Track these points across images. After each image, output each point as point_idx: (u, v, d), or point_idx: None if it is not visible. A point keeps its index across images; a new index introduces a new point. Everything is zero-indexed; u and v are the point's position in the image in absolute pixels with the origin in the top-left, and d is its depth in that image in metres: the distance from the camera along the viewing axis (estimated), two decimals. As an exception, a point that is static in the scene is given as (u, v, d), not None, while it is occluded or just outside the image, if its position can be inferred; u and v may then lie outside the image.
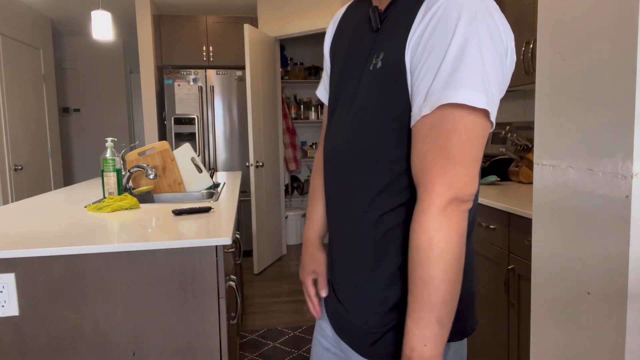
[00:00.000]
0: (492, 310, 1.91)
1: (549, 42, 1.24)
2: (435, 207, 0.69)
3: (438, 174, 0.69)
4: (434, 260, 0.69)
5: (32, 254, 1.21)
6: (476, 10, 0.68)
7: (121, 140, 5.74)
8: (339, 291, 0.88)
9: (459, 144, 0.69)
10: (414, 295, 0.71)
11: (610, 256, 1.04)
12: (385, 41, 0.77)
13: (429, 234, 0.69)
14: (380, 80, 0.76)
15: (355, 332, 0.84)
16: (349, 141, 0.82)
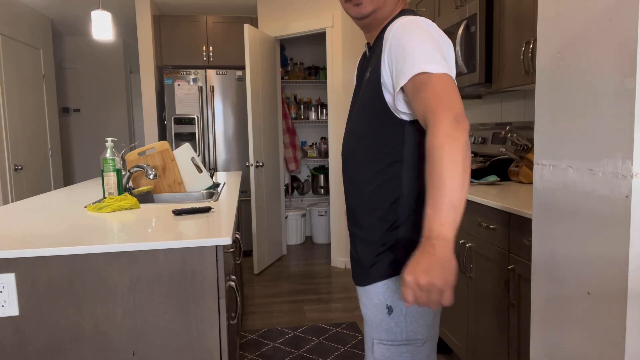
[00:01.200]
0: (492, 310, 1.91)
1: (549, 42, 1.24)
2: (444, 123, 0.93)
3: (438, 106, 0.95)
4: (446, 158, 0.91)
5: (32, 254, 1.21)
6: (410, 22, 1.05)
7: (121, 140, 5.74)
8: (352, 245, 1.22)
9: (439, 88, 0.97)
10: (431, 186, 0.92)
11: (610, 256, 1.04)
12: (371, 61, 1.14)
13: (442, 139, 0.92)
14: (367, 87, 1.13)
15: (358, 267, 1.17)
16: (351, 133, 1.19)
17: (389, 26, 1.08)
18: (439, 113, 0.94)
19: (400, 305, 1.10)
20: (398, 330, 1.11)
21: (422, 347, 1.13)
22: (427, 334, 1.14)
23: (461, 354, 2.22)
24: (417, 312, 1.11)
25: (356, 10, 1.15)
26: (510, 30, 2.21)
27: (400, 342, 1.11)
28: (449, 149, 0.91)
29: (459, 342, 2.24)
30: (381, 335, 1.13)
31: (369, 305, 1.15)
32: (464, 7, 2.51)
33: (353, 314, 3.07)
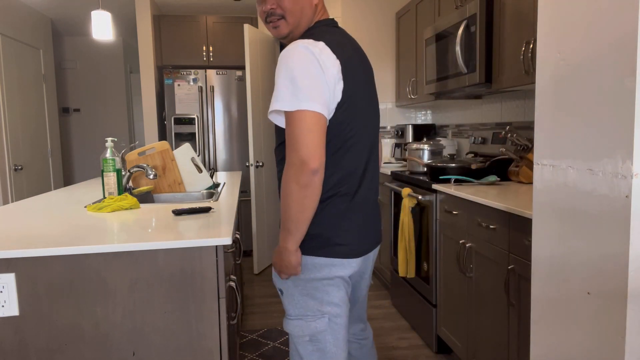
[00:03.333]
0: (492, 310, 1.91)
1: (549, 42, 1.24)
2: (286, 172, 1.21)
3: (289, 149, 1.19)
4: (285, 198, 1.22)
5: (32, 254, 1.21)
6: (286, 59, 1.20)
7: (121, 140, 5.74)
8: None
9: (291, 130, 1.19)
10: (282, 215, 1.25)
11: (610, 256, 1.04)
12: None
13: (285, 184, 1.20)
14: None
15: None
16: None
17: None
18: (288, 154, 1.20)
19: (284, 286, 1.37)
20: (287, 305, 1.38)
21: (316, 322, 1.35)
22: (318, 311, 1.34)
23: (461, 354, 2.22)
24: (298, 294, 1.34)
25: (275, 32, 1.33)
26: (510, 30, 2.21)
27: (293, 317, 1.36)
28: (284, 185, 1.21)
29: (459, 342, 2.24)
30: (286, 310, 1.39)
31: None
32: (464, 7, 2.51)
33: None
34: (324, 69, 1.18)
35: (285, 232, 1.24)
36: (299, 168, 1.16)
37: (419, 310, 2.70)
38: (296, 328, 1.35)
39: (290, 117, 1.18)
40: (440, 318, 2.46)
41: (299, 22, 1.29)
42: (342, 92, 1.23)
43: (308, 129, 1.16)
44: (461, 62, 2.50)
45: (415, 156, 3.01)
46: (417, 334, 2.74)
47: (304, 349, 1.37)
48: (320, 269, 1.30)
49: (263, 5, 1.31)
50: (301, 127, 1.16)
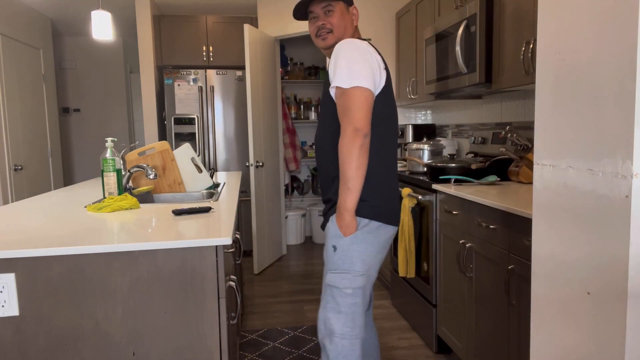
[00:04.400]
0: (492, 310, 1.91)
1: (549, 42, 1.24)
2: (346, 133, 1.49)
3: (343, 121, 1.49)
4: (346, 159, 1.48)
5: (32, 254, 1.21)
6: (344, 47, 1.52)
7: (121, 140, 5.74)
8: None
9: (348, 104, 1.48)
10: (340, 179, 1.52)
11: (610, 256, 1.04)
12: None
13: (343, 148, 1.48)
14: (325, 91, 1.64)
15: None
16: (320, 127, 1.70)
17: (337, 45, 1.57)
18: (343, 124, 1.49)
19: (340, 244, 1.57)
20: (338, 262, 1.58)
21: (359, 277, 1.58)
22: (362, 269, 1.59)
23: (461, 354, 2.22)
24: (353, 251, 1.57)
25: (322, 43, 1.64)
26: (510, 30, 2.21)
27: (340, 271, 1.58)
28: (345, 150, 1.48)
29: (459, 342, 2.24)
30: (330, 264, 1.60)
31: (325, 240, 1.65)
32: (464, 7, 2.51)
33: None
34: (371, 54, 1.52)
35: (346, 192, 1.49)
36: (354, 134, 1.45)
37: (419, 310, 2.70)
38: (343, 280, 1.57)
39: (345, 92, 1.47)
40: (440, 318, 2.46)
41: (342, 36, 1.62)
42: (385, 79, 1.56)
43: (360, 102, 1.46)
44: (461, 62, 2.50)
45: (415, 156, 3.01)
46: (417, 334, 2.74)
47: (344, 300, 1.58)
48: (375, 234, 1.59)
49: (316, 22, 1.64)
50: (354, 101, 1.46)
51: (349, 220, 1.52)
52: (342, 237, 1.55)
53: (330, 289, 1.59)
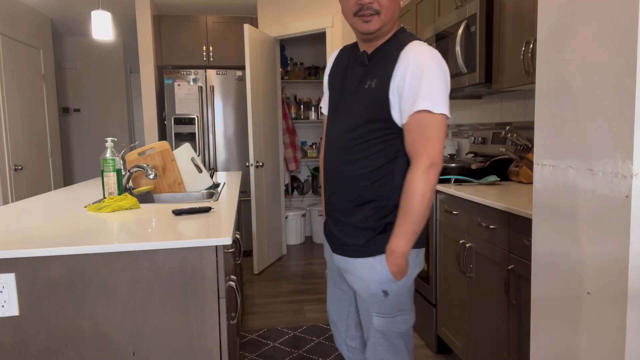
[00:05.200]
0: (492, 310, 1.91)
1: (549, 42, 1.24)
2: (421, 165, 1.25)
3: (419, 152, 1.25)
4: (417, 203, 1.25)
5: (32, 254, 1.21)
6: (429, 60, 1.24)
7: (121, 140, 5.74)
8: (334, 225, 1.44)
9: (433, 132, 1.24)
10: (403, 217, 1.27)
11: (610, 256, 1.04)
12: (376, 73, 1.30)
13: (417, 184, 1.24)
14: (367, 95, 1.30)
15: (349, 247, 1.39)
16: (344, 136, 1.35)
17: (408, 49, 1.26)
18: (419, 158, 1.25)
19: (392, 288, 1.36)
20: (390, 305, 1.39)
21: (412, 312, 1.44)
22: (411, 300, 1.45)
23: (461, 354, 2.22)
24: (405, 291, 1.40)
25: (366, 26, 1.28)
26: (510, 30, 2.21)
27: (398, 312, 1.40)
28: (421, 192, 1.24)
29: (459, 342, 2.24)
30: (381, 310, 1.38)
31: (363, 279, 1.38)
32: (464, 7, 2.51)
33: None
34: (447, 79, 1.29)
35: (410, 234, 1.27)
36: (430, 169, 1.24)
37: (419, 310, 2.71)
38: (400, 324, 1.39)
39: (431, 118, 1.23)
40: (440, 318, 2.46)
41: (389, 21, 1.30)
42: None
43: (442, 132, 1.24)
44: (461, 62, 2.50)
45: (415, 156, 3.01)
46: (417, 334, 2.74)
47: (401, 339, 1.41)
48: (420, 261, 1.42)
49: (364, 19, 1.28)
50: (436, 130, 1.24)
51: (405, 263, 1.31)
52: (394, 282, 1.34)
53: (383, 334, 1.39)
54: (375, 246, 1.33)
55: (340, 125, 1.36)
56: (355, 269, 1.37)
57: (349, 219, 1.37)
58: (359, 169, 1.33)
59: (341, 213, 1.39)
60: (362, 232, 1.35)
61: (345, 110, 1.36)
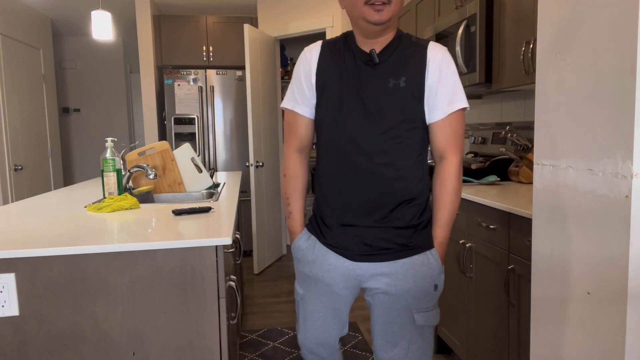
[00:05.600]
0: (492, 310, 1.91)
1: (549, 42, 1.24)
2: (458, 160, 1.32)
3: (455, 149, 1.31)
4: (457, 197, 1.33)
5: (32, 254, 1.21)
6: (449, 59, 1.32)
7: (121, 140, 5.74)
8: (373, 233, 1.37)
9: (462, 130, 1.31)
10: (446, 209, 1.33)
11: (610, 256, 1.04)
12: (404, 71, 1.29)
13: (456, 179, 1.32)
14: (402, 94, 1.28)
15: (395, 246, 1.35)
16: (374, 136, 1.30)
17: (435, 49, 1.31)
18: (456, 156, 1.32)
19: (442, 280, 1.40)
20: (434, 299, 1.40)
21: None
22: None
23: (461, 354, 2.22)
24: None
25: (377, 16, 1.23)
26: (510, 30, 2.21)
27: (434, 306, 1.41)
28: (459, 187, 1.32)
29: (459, 342, 2.24)
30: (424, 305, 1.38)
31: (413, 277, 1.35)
32: (464, 7, 2.51)
33: (353, 314, 3.07)
34: None
35: (451, 226, 1.36)
36: (461, 165, 1.32)
37: (419, 310, 2.70)
38: (436, 317, 1.42)
39: (462, 117, 1.32)
40: (440, 318, 2.46)
41: (396, 14, 1.28)
42: None
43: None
44: (461, 62, 2.50)
45: (415, 156, 3.01)
46: (417, 334, 2.74)
47: (431, 335, 1.43)
48: None
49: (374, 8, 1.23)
50: (463, 127, 1.33)
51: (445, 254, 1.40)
52: (442, 273, 1.38)
53: (418, 329, 1.37)
54: (425, 242, 1.35)
55: (366, 127, 1.29)
56: (402, 270, 1.33)
57: (388, 222, 1.32)
58: (398, 169, 1.30)
59: (373, 218, 1.32)
60: (406, 231, 1.33)
61: (368, 111, 1.29)
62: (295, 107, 1.39)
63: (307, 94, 1.37)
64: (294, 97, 1.39)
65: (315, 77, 1.36)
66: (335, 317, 1.44)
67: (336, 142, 1.33)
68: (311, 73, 1.36)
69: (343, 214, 1.34)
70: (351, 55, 1.33)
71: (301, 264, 1.43)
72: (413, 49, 1.30)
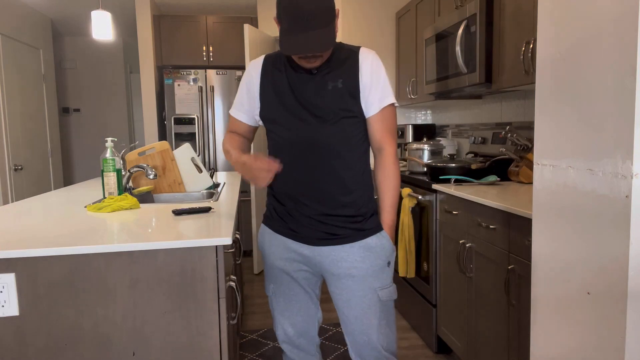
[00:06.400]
0: (492, 310, 1.91)
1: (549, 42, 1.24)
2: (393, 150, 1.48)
3: (390, 140, 1.47)
4: (398, 182, 1.49)
5: (32, 254, 1.21)
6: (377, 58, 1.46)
7: (121, 140, 5.74)
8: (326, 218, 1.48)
9: (395, 123, 1.48)
10: (391, 195, 1.48)
11: (610, 256, 1.04)
12: (339, 74, 1.42)
13: (396, 166, 1.47)
14: (340, 94, 1.42)
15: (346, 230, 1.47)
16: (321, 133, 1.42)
17: (365, 53, 1.44)
18: (391, 148, 1.47)
19: (393, 257, 1.55)
20: (390, 275, 1.53)
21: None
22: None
23: (461, 354, 2.22)
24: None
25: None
26: (510, 30, 2.21)
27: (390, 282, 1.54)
28: (398, 176, 1.48)
29: (459, 342, 2.24)
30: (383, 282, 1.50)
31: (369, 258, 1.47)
32: (464, 7, 2.51)
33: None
34: None
35: (396, 209, 1.50)
36: (396, 154, 1.48)
37: (419, 310, 2.70)
38: (394, 292, 1.53)
39: (393, 111, 1.47)
40: (440, 318, 2.46)
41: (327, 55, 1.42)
42: None
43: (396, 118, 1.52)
44: (461, 62, 2.50)
45: (415, 156, 3.01)
46: (417, 334, 2.74)
47: (392, 313, 1.55)
48: None
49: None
50: (396, 120, 1.49)
51: (391, 234, 1.53)
52: (394, 252, 1.53)
53: (383, 305, 1.50)
54: (377, 225, 1.48)
55: (313, 127, 1.42)
56: (360, 251, 1.46)
57: (341, 210, 1.45)
58: (347, 161, 1.44)
59: (329, 207, 1.45)
60: (360, 217, 1.47)
61: (314, 112, 1.42)
62: (235, 114, 1.58)
63: (246, 103, 1.53)
64: (236, 104, 1.57)
65: (259, 87, 1.50)
66: (311, 301, 1.57)
67: (290, 141, 1.45)
68: (254, 83, 1.50)
69: (299, 206, 1.46)
70: (290, 66, 1.46)
71: (266, 257, 1.55)
72: (346, 54, 1.44)
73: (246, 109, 1.54)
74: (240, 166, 1.39)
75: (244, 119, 1.56)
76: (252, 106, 1.51)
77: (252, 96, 1.50)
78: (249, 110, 1.53)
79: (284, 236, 1.48)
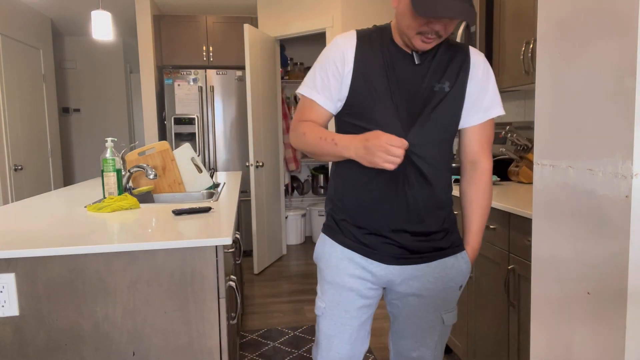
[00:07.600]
0: (492, 310, 1.91)
1: (549, 42, 1.24)
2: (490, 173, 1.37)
3: (489, 154, 1.35)
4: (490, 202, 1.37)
5: (32, 254, 1.21)
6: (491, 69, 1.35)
7: (121, 140, 5.74)
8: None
9: (493, 134, 1.38)
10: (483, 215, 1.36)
11: (610, 256, 1.04)
12: (446, 75, 1.25)
13: (490, 184, 1.36)
14: (447, 99, 1.25)
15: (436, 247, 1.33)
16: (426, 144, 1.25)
17: (476, 54, 1.30)
18: (489, 162, 1.36)
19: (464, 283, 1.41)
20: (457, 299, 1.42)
21: None
22: None
23: (461, 354, 2.22)
24: None
25: (423, 46, 1.19)
26: (510, 30, 2.21)
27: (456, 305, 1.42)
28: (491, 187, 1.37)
29: (459, 342, 2.24)
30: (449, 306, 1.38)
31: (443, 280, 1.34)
32: (464, 7, 2.51)
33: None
34: None
35: (483, 232, 1.38)
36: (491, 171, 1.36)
37: (419, 310, 2.70)
38: (456, 315, 1.43)
39: (493, 122, 1.37)
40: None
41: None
42: None
43: None
44: (461, 62, 2.50)
45: (415, 156, 3.01)
46: (417, 334, 2.74)
47: (448, 332, 1.43)
48: None
49: (433, 25, 1.14)
50: (494, 132, 1.38)
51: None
52: (469, 275, 1.41)
53: (444, 328, 1.38)
54: (459, 244, 1.36)
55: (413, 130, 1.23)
56: (435, 272, 1.32)
57: (427, 226, 1.29)
58: (443, 176, 1.29)
59: (416, 222, 1.28)
60: (441, 234, 1.32)
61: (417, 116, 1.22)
62: (313, 95, 1.27)
63: (331, 85, 1.25)
64: (314, 84, 1.26)
65: (352, 65, 1.24)
66: (366, 328, 1.37)
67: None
68: (347, 62, 1.23)
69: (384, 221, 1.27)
70: (389, 51, 1.24)
71: (324, 272, 1.34)
72: (453, 52, 1.26)
73: (329, 92, 1.26)
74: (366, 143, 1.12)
75: (325, 103, 1.27)
76: (337, 88, 1.25)
77: (338, 77, 1.24)
78: (332, 92, 1.26)
79: (352, 249, 1.31)
